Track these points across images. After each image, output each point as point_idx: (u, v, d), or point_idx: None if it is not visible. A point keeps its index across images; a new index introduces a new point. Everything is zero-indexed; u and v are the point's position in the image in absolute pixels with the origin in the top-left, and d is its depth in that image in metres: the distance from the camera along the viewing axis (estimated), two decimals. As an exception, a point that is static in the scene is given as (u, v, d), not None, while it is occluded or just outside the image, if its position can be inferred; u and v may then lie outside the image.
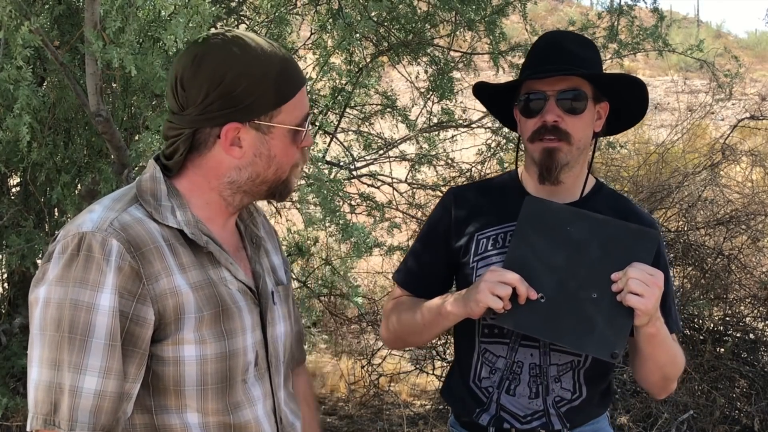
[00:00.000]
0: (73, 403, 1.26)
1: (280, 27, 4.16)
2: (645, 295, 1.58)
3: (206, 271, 1.38)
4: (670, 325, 1.81)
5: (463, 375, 1.91)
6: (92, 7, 2.46)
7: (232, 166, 1.41)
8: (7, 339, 3.57)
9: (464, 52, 4.70)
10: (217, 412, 1.37)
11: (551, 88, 1.79)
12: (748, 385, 4.51)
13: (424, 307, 1.84)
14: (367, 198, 4.76)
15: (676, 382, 1.88)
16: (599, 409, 1.91)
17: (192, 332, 1.33)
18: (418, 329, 1.86)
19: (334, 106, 4.47)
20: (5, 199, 3.54)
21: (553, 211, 1.69)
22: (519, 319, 1.66)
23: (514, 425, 1.83)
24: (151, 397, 1.35)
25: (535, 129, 1.81)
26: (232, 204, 1.45)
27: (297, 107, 1.42)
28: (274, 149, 1.41)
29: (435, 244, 1.95)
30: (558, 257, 1.65)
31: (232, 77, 1.35)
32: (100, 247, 1.28)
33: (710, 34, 21.63)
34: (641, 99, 1.89)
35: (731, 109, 11.49)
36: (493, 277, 1.65)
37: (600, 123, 1.87)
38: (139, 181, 1.41)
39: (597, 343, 1.63)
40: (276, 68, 1.39)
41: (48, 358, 1.27)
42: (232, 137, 1.38)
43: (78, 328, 1.26)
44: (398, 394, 5.30)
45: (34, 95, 2.63)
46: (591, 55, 1.86)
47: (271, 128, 1.40)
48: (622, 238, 1.64)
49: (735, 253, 4.75)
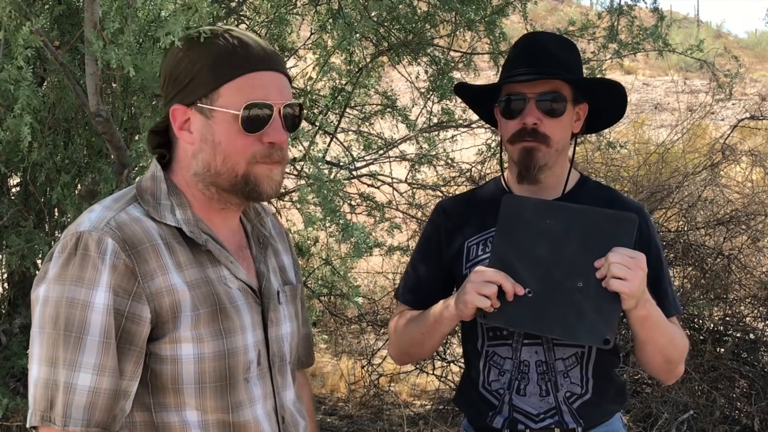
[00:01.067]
0: (67, 400, 1.27)
1: (280, 27, 4.17)
2: (628, 278, 1.60)
3: (204, 269, 1.38)
4: (668, 308, 1.82)
5: (473, 381, 1.93)
6: (92, 7, 2.46)
7: (189, 153, 1.40)
8: (7, 339, 3.57)
9: (464, 52, 4.69)
10: (217, 410, 1.37)
11: (531, 91, 1.82)
12: (748, 385, 4.52)
13: (420, 317, 1.87)
14: (367, 198, 4.76)
15: (682, 365, 1.88)
16: (613, 405, 1.91)
17: (189, 330, 1.33)
18: (418, 340, 1.88)
19: (334, 106, 4.47)
20: (5, 199, 3.54)
21: (530, 207, 1.70)
22: (509, 316, 1.68)
23: (528, 425, 1.84)
24: (150, 395, 1.35)
25: (515, 131, 1.84)
26: (213, 198, 1.42)
27: (241, 91, 1.36)
28: (218, 135, 1.37)
29: (430, 259, 1.98)
30: (540, 251, 1.67)
31: (175, 60, 1.39)
32: (95, 246, 1.29)
33: (710, 34, 21.63)
34: (620, 102, 1.92)
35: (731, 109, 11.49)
36: (477, 277, 1.67)
37: (579, 124, 1.91)
38: (140, 180, 1.42)
39: (588, 332, 1.65)
40: (220, 49, 1.36)
41: (45, 355, 1.28)
42: (180, 121, 1.39)
43: (73, 326, 1.27)
44: (398, 394, 5.31)
45: (35, 95, 2.63)
46: (571, 57, 1.89)
47: (213, 111, 1.37)
48: (601, 225, 1.66)
49: (735, 253, 4.75)
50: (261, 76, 1.38)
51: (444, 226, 1.96)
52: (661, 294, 1.82)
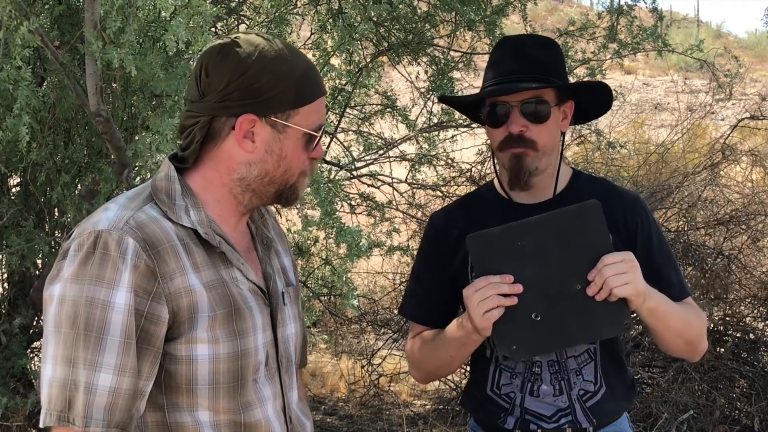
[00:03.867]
0: (88, 400, 1.27)
1: (280, 27, 4.16)
2: (629, 282, 1.60)
3: (218, 270, 1.39)
4: (677, 293, 1.82)
5: (480, 385, 1.93)
6: (92, 7, 2.46)
7: (243, 160, 1.42)
8: (7, 339, 3.57)
9: (464, 52, 4.70)
10: (228, 410, 1.38)
11: (514, 99, 1.81)
12: (748, 385, 4.51)
13: (443, 341, 1.84)
14: (367, 198, 4.76)
15: (704, 341, 1.90)
16: (623, 402, 1.91)
17: (205, 331, 1.34)
18: (447, 362, 1.89)
19: (334, 106, 4.47)
20: (5, 199, 3.54)
21: (496, 237, 1.67)
22: (530, 347, 1.68)
23: (540, 425, 1.84)
24: (163, 395, 1.36)
25: (502, 139, 1.84)
26: (242, 203, 1.46)
27: (314, 113, 1.44)
28: (286, 149, 1.42)
29: (435, 271, 1.96)
30: (527, 274, 1.65)
31: (256, 70, 1.38)
32: (116, 245, 1.29)
33: (710, 34, 21.63)
34: (604, 96, 1.92)
35: (731, 109, 11.49)
36: (473, 303, 1.64)
37: (566, 122, 1.90)
38: (154, 180, 1.42)
39: (606, 325, 1.66)
40: (300, 70, 1.41)
41: (63, 355, 1.28)
42: (246, 129, 1.40)
43: (93, 326, 1.27)
44: (398, 394, 5.31)
45: (34, 95, 2.63)
46: (551, 57, 1.88)
47: (286, 128, 1.41)
48: (570, 224, 1.65)
49: (735, 253, 4.75)
50: (323, 99, 1.47)
51: (444, 238, 1.94)
52: (669, 280, 1.82)
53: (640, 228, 1.86)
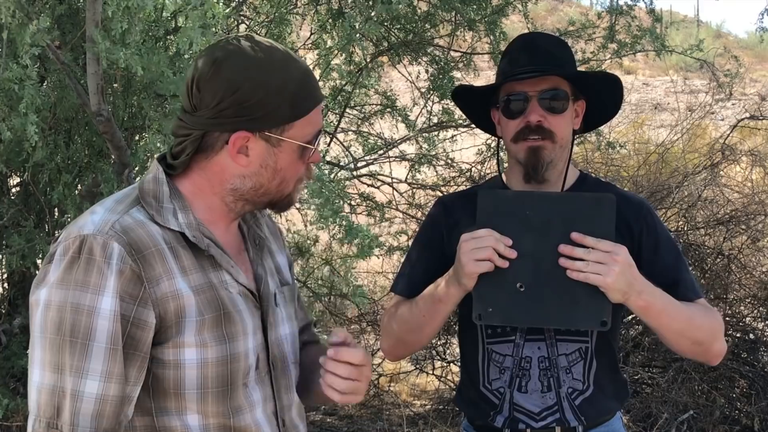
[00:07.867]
0: (74, 408, 1.25)
1: (280, 27, 4.17)
2: (603, 273, 1.59)
3: (207, 274, 1.37)
4: (686, 294, 1.80)
5: (473, 380, 1.92)
6: (94, 6, 2.46)
7: (237, 173, 1.40)
8: (7, 339, 3.57)
9: (464, 52, 4.70)
10: (218, 414, 1.36)
11: (532, 89, 1.82)
12: (748, 385, 4.52)
13: (419, 302, 1.84)
14: (367, 198, 4.77)
15: (718, 343, 1.83)
16: (614, 402, 1.90)
17: (193, 335, 1.32)
18: (418, 323, 1.84)
19: (334, 106, 4.47)
20: (5, 199, 3.55)
21: (508, 200, 1.68)
22: (505, 314, 1.67)
23: (529, 424, 1.83)
24: (151, 399, 1.34)
25: (518, 130, 1.83)
26: (234, 210, 1.44)
27: (310, 124, 1.41)
28: (281, 162, 1.40)
29: (431, 252, 1.95)
30: (525, 243, 1.64)
31: (249, 87, 1.34)
32: (101, 250, 1.27)
33: (710, 34, 21.62)
34: (617, 95, 1.93)
35: (731, 109, 11.49)
36: (467, 246, 1.65)
37: (578, 120, 1.91)
38: (142, 182, 1.40)
39: (584, 316, 1.64)
40: (294, 84, 1.37)
41: (50, 361, 1.26)
42: (239, 145, 1.37)
43: (79, 332, 1.25)
44: (398, 394, 5.31)
45: (38, 95, 2.63)
46: (566, 55, 1.90)
47: (281, 141, 1.38)
48: (581, 209, 1.65)
49: (735, 253, 4.75)
50: (320, 106, 1.44)
51: (446, 221, 1.94)
52: (678, 282, 1.81)
53: (645, 233, 1.86)
